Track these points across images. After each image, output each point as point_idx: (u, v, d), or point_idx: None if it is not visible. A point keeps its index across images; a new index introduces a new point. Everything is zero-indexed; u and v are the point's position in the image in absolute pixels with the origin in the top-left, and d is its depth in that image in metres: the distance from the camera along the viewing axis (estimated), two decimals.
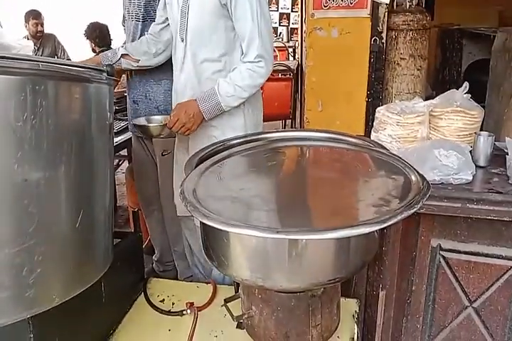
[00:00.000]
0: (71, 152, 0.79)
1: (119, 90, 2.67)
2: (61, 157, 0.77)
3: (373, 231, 0.87)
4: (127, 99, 1.91)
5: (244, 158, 1.08)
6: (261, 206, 0.84)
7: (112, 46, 3.98)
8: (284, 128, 4.66)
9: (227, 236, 0.80)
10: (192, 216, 0.77)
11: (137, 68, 1.69)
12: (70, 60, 3.79)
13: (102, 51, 3.73)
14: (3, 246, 0.69)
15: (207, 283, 1.32)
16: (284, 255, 0.77)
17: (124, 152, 3.04)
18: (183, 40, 1.47)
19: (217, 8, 1.39)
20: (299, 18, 4.45)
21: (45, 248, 0.74)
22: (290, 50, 6.01)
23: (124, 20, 1.92)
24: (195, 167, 0.99)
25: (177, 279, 1.99)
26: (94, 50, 3.93)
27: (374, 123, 1.51)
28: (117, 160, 3.28)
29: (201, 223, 0.92)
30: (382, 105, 1.64)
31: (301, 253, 0.78)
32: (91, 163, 0.87)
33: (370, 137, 1.49)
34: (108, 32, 4.10)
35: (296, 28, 5.97)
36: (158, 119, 1.58)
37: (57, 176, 0.76)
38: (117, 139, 2.37)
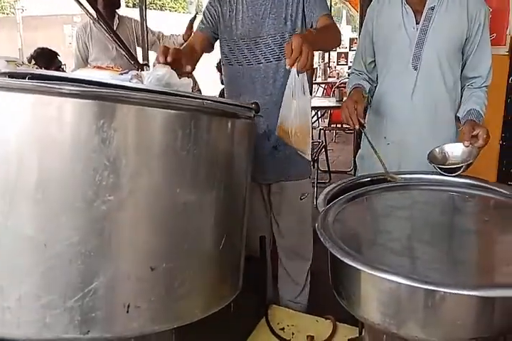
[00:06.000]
0: (220, 179, 0.87)
1: None
2: (213, 183, 0.85)
3: None
4: None
5: (382, 197, 1.06)
6: (402, 252, 0.81)
7: None
8: None
9: (365, 278, 0.77)
10: None
11: None
12: (200, 91, 3.99)
13: None
14: (161, 261, 0.77)
15: (326, 318, 1.29)
16: (427, 306, 0.72)
17: None
18: (415, 69, 1.50)
19: (459, 44, 1.47)
20: None
21: (194, 265, 0.81)
22: None
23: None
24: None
25: None
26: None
27: None
28: None
29: (330, 255, 0.91)
30: None
31: (445, 307, 0.72)
32: (234, 191, 0.93)
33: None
34: None
35: None
36: (457, 156, 1.29)
37: (210, 200, 0.84)
38: None
